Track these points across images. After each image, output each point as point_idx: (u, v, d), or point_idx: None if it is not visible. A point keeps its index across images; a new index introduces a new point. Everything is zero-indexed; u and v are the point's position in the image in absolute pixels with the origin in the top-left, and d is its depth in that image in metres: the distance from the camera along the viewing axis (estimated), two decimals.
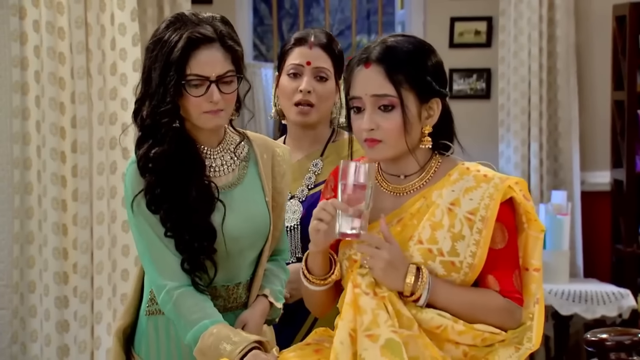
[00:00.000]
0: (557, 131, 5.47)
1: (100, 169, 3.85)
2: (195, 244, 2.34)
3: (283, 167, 2.54)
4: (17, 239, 3.79)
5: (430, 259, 2.21)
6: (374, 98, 2.21)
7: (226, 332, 2.26)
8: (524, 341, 2.23)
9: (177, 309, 2.32)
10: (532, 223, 2.26)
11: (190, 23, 2.33)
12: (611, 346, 2.42)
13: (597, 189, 5.56)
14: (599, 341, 2.44)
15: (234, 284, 2.45)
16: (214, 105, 2.32)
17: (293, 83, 2.74)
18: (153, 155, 2.34)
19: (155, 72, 2.31)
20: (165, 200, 2.33)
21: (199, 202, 2.35)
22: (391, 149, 2.24)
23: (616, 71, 5.42)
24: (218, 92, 2.32)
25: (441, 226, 2.21)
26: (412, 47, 2.25)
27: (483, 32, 5.74)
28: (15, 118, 3.76)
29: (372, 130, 2.21)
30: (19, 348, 3.83)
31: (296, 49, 2.76)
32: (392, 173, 2.31)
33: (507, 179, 2.24)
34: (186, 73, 2.30)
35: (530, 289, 2.24)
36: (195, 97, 2.31)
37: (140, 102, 2.37)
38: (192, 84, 2.31)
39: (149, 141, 2.36)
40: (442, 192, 2.24)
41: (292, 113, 2.76)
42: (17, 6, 3.74)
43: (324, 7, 7.02)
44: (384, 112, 2.21)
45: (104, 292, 3.83)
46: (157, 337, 2.46)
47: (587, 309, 4.90)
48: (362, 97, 2.22)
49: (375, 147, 2.23)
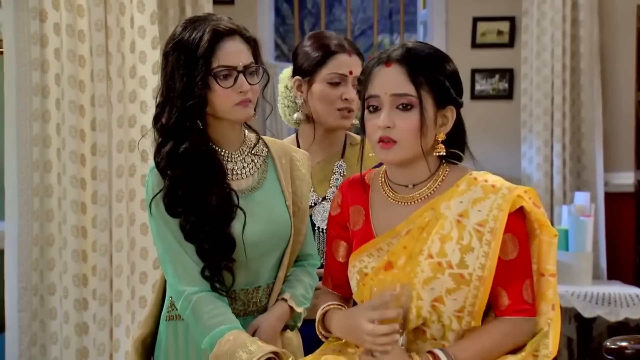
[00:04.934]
0: (580, 132, 5.43)
1: (120, 171, 3.85)
2: (215, 253, 2.33)
3: (302, 172, 2.54)
4: (37, 241, 3.80)
5: (440, 272, 2.19)
6: (393, 97, 2.20)
7: (243, 339, 2.25)
8: (541, 347, 2.21)
9: (195, 314, 2.31)
10: (545, 229, 2.25)
11: (207, 20, 2.36)
12: (631, 354, 2.40)
13: (620, 190, 5.52)
14: (619, 349, 2.43)
15: (253, 288, 2.45)
16: (243, 95, 2.34)
17: (336, 91, 2.79)
18: (175, 154, 2.34)
19: (179, 71, 2.32)
20: (185, 203, 2.33)
21: (219, 211, 2.35)
22: (405, 151, 2.22)
23: None
24: (247, 82, 2.34)
25: (450, 238, 2.20)
26: (433, 52, 2.26)
27: (506, 32, 5.71)
28: (35, 121, 3.76)
29: (388, 129, 2.20)
30: (39, 350, 3.83)
31: (337, 56, 2.79)
32: (399, 183, 2.30)
33: (515, 188, 2.22)
34: (213, 66, 2.32)
35: (547, 295, 2.23)
36: (225, 89, 2.32)
37: (161, 107, 2.37)
38: (221, 76, 2.32)
39: (169, 143, 2.36)
40: (450, 204, 2.23)
41: (332, 118, 2.82)
42: (37, 9, 3.74)
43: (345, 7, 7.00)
44: (402, 111, 2.20)
45: (123, 295, 3.83)
46: (176, 343, 2.46)
47: (611, 311, 4.85)
48: (380, 96, 2.22)
49: (389, 150, 2.22)
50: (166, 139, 2.36)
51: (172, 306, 2.45)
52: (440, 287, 2.19)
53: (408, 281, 2.21)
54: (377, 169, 2.39)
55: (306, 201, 2.53)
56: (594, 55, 5.38)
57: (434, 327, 2.22)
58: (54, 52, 3.78)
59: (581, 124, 5.42)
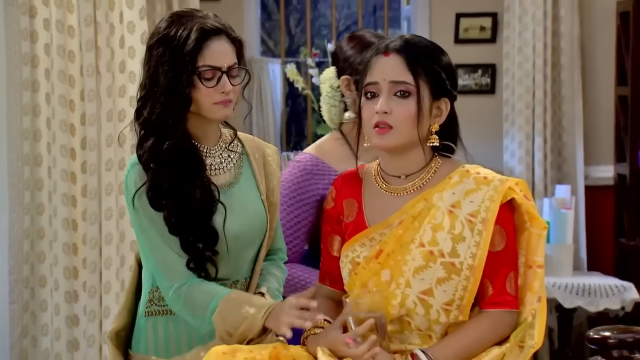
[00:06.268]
0: (561, 126, 5.45)
1: (109, 165, 3.84)
2: (200, 245, 2.33)
3: (273, 167, 2.55)
4: (28, 234, 3.79)
5: (432, 260, 2.20)
6: (392, 84, 2.23)
7: (247, 295, 2.28)
8: (527, 338, 2.23)
9: (190, 299, 2.30)
10: (534, 221, 2.26)
11: (194, 17, 2.35)
12: (614, 344, 2.41)
13: (600, 183, 5.53)
14: (602, 339, 2.43)
15: (232, 282, 2.43)
16: (225, 95, 2.34)
17: None
18: (159, 149, 2.33)
19: (164, 67, 2.30)
20: (169, 197, 2.32)
21: (203, 204, 2.34)
22: (400, 137, 2.24)
23: (620, 67, 5.40)
24: (229, 83, 2.34)
25: (442, 228, 2.21)
26: (430, 44, 2.30)
27: (488, 28, 5.72)
28: (25, 115, 3.76)
29: (385, 114, 2.22)
30: (30, 342, 3.83)
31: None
32: (392, 174, 2.31)
33: (507, 180, 2.24)
34: (198, 65, 2.31)
35: (534, 286, 2.25)
36: (208, 88, 2.32)
37: (144, 100, 2.36)
38: (205, 75, 2.32)
39: (152, 138, 2.35)
40: (443, 195, 2.24)
41: None
42: (27, 5, 3.74)
43: (330, 3, 7.00)
44: (400, 98, 2.23)
45: (112, 287, 3.83)
46: (155, 338, 2.44)
47: (591, 302, 4.88)
48: (379, 83, 2.24)
49: (385, 134, 2.23)
50: (148, 133, 2.35)
51: (150, 302, 2.43)
52: (431, 277, 2.20)
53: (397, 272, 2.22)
54: (370, 164, 2.40)
55: (277, 195, 2.53)
56: (575, 50, 5.40)
57: (418, 319, 2.22)
58: (43, 47, 3.77)
59: (562, 118, 5.44)
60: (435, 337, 2.24)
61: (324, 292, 2.39)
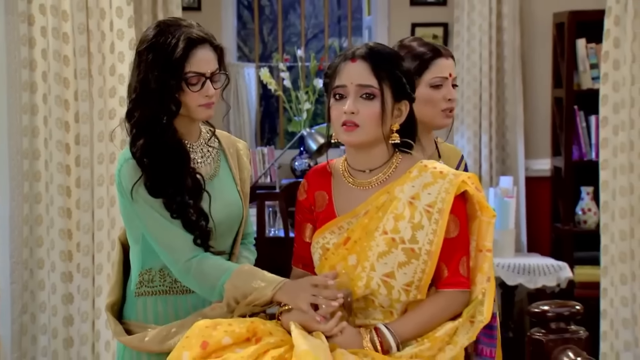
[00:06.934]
0: (505, 124, 5.48)
1: (101, 159, 3.81)
2: (203, 223, 2.33)
3: (244, 160, 2.55)
4: (27, 221, 3.75)
5: (394, 246, 2.20)
6: (358, 87, 2.22)
7: (259, 270, 2.27)
8: (477, 314, 2.23)
9: (200, 270, 2.29)
10: (485, 210, 2.27)
11: (180, 26, 2.33)
12: (552, 317, 2.41)
13: (538, 175, 5.57)
14: (541, 312, 2.44)
15: None
16: (208, 98, 2.33)
17: (439, 93, 2.60)
18: (151, 147, 2.32)
19: (154, 72, 2.29)
20: (167, 186, 2.31)
21: (193, 190, 2.34)
22: (365, 135, 2.23)
23: (556, 72, 5.42)
24: (212, 87, 2.33)
25: (403, 217, 2.21)
26: (391, 52, 2.30)
27: (440, 37, 5.72)
28: (24, 114, 3.72)
29: (352, 114, 2.21)
30: (29, 317, 3.80)
31: (437, 61, 2.60)
32: (358, 168, 2.30)
33: (460, 174, 2.24)
34: (186, 70, 2.29)
35: (484, 268, 2.25)
36: (194, 92, 2.31)
37: (135, 103, 2.33)
38: (191, 80, 2.31)
39: (144, 137, 2.33)
40: (404, 188, 2.24)
41: (438, 118, 2.64)
42: (26, 14, 3.70)
43: (300, 14, 6.97)
44: (365, 100, 2.22)
45: (104, 269, 3.80)
46: (145, 317, 2.43)
47: (530, 280, 4.91)
48: (347, 86, 2.23)
49: (351, 132, 2.22)
50: (140, 133, 2.34)
51: (140, 283, 2.42)
52: (393, 261, 2.20)
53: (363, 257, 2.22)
54: (337, 159, 2.39)
55: (247, 186, 2.53)
56: (516, 57, 5.42)
57: (381, 298, 2.22)
58: (41, 52, 3.73)
59: (505, 117, 5.46)
60: (396, 313, 2.24)
61: (297, 274, 2.39)
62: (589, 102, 5.14)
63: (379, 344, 2.16)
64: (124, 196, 2.36)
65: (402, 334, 2.18)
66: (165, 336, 2.34)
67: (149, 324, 2.41)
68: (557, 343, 2.32)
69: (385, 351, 2.16)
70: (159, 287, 2.42)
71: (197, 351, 2.09)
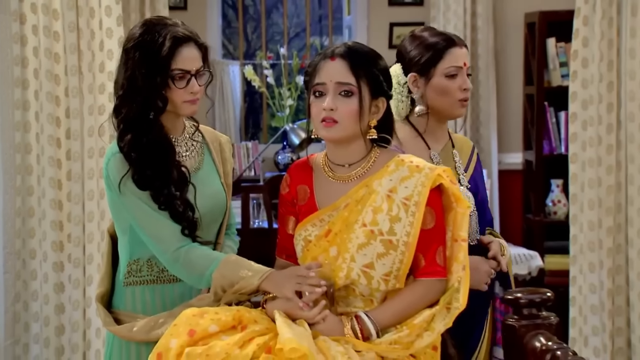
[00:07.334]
0: (479, 120, 5.47)
1: (91, 153, 3.79)
2: (189, 213, 2.31)
3: (227, 154, 2.53)
4: (19, 213, 3.72)
5: (373, 238, 2.18)
6: (337, 85, 2.19)
7: (245, 261, 2.25)
8: (453, 301, 2.22)
9: (189, 259, 2.26)
10: (459, 202, 2.25)
11: (166, 25, 2.30)
12: (524, 303, 2.40)
13: (511, 168, 5.58)
14: (514, 299, 2.42)
15: None
16: (193, 95, 2.31)
17: (454, 82, 2.51)
18: (139, 142, 2.29)
19: (141, 70, 2.26)
20: (154, 179, 2.29)
21: (179, 182, 2.32)
22: (343, 130, 2.20)
23: (527, 69, 5.43)
24: (197, 84, 2.31)
25: (381, 210, 2.19)
26: (369, 51, 2.26)
27: None
28: (17, 109, 3.68)
29: (331, 111, 2.19)
30: (22, 306, 3.76)
31: (452, 50, 2.51)
32: (338, 163, 2.28)
33: (435, 168, 2.23)
34: (172, 68, 2.27)
35: (459, 257, 2.23)
36: (179, 89, 2.29)
37: (122, 99, 2.31)
38: (177, 77, 2.28)
39: (131, 132, 2.30)
40: (382, 181, 2.22)
41: (453, 108, 2.53)
42: (17, 12, 3.66)
43: (282, 13, 6.94)
44: (344, 97, 2.19)
45: (94, 259, 3.77)
46: (133, 303, 2.41)
47: None
48: (326, 83, 2.20)
49: (331, 128, 2.20)
50: (127, 128, 2.31)
51: (129, 274, 2.39)
52: (372, 252, 2.18)
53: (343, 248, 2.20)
54: (318, 154, 2.37)
55: (230, 179, 2.52)
56: (490, 55, 5.41)
57: (361, 287, 2.21)
58: (32, 50, 3.69)
59: (479, 113, 5.46)
60: (376, 301, 2.22)
61: (281, 264, 2.36)
62: (558, 99, 5.14)
63: (359, 331, 2.14)
64: (111, 189, 2.33)
65: (381, 322, 2.16)
66: (152, 326, 2.32)
67: (137, 314, 2.38)
68: (529, 328, 2.31)
69: (365, 338, 2.15)
70: (147, 277, 2.39)
71: (184, 339, 2.07)
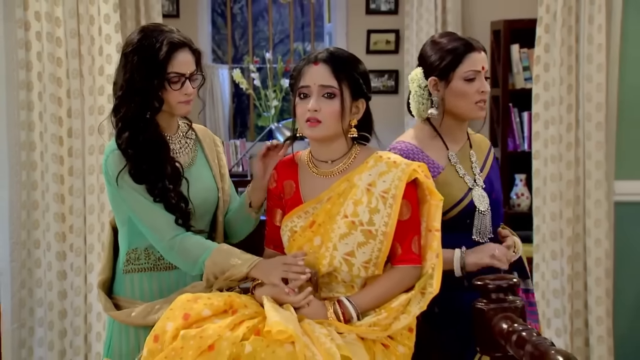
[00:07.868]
0: None
1: (91, 150, 3.78)
2: (182, 205, 2.32)
3: (220, 147, 2.56)
4: (25, 206, 3.71)
5: (353, 228, 2.21)
6: (321, 87, 2.22)
7: (236, 250, 2.26)
8: (427, 286, 2.25)
9: (183, 247, 2.28)
10: (433, 195, 2.28)
11: (162, 31, 2.32)
12: (492, 288, 2.43)
13: None
14: (484, 284, 2.45)
15: None
16: (187, 96, 2.33)
17: (472, 86, 2.46)
18: (136, 139, 2.31)
19: (140, 72, 2.28)
20: (150, 174, 2.30)
21: (173, 177, 2.34)
22: (326, 130, 2.23)
23: (493, 73, 5.44)
24: (191, 86, 2.33)
25: (361, 202, 2.21)
26: (350, 55, 2.29)
27: (392, 42, 5.74)
28: (22, 110, 3.67)
29: (315, 112, 2.21)
30: (27, 292, 3.76)
31: (470, 55, 2.47)
32: (321, 159, 2.31)
33: (411, 164, 2.26)
34: (168, 71, 2.29)
35: (433, 245, 2.27)
36: (174, 91, 2.31)
37: (121, 100, 2.32)
38: (173, 80, 2.30)
39: (129, 131, 2.31)
40: (362, 176, 2.25)
41: (472, 110, 2.50)
42: (22, 20, 3.65)
43: (267, 21, 6.95)
44: (327, 99, 2.22)
45: (95, 248, 3.77)
46: (132, 289, 2.43)
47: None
48: (310, 86, 2.23)
49: (314, 127, 2.23)
50: (125, 127, 2.33)
51: (128, 262, 2.42)
52: (353, 241, 2.21)
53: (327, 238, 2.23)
54: (303, 151, 2.39)
55: (226, 168, 2.54)
56: None
57: (343, 274, 2.23)
58: (36, 54, 3.68)
59: None
60: (357, 287, 2.25)
61: (269, 254, 2.39)
62: (522, 100, 5.18)
63: (341, 314, 2.17)
64: (110, 183, 2.35)
65: (361, 305, 2.19)
66: (149, 312, 2.34)
67: (136, 300, 2.40)
68: (496, 311, 2.33)
69: (347, 321, 2.17)
70: (145, 265, 2.41)
71: (179, 322, 2.09)
